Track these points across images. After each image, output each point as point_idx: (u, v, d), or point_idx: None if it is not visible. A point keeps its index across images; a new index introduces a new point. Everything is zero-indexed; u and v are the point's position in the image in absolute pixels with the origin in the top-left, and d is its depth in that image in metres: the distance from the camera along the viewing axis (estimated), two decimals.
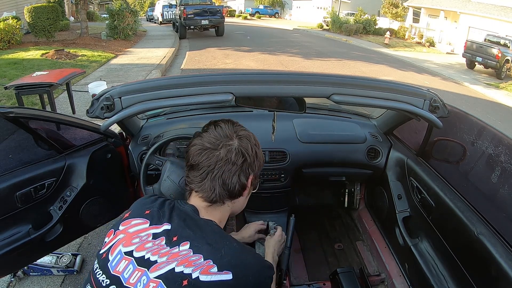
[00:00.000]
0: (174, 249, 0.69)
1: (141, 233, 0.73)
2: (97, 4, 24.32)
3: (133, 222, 0.75)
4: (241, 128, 0.82)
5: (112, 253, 0.71)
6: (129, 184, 1.72)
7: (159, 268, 0.67)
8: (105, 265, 0.71)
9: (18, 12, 10.60)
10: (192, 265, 0.67)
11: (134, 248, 0.70)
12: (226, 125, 0.81)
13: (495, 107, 7.09)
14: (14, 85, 3.36)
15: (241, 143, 0.78)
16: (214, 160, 0.75)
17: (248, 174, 0.80)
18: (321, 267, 1.81)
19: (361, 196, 2.09)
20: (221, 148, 0.76)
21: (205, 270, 0.66)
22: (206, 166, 0.76)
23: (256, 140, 0.84)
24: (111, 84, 4.11)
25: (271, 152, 1.64)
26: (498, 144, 1.22)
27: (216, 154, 0.76)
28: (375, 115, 1.94)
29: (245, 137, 0.80)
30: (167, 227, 0.73)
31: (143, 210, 0.78)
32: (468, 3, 15.05)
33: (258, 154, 0.82)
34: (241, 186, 0.79)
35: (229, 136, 0.78)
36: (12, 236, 1.24)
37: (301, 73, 1.06)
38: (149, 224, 0.74)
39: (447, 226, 1.27)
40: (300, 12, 29.74)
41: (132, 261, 0.69)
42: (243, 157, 0.77)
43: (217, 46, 10.47)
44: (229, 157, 0.76)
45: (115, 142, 1.57)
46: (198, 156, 0.77)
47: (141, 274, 0.67)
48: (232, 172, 0.77)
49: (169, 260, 0.68)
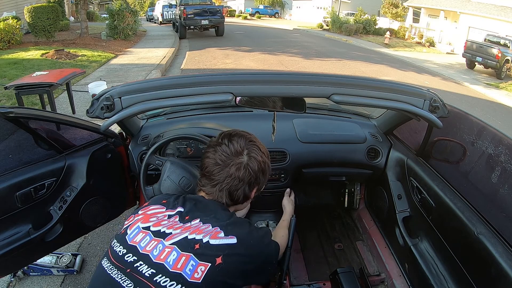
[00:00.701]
0: (187, 224, 0.80)
1: (158, 214, 0.84)
2: (97, 4, 24.32)
3: (151, 207, 0.86)
4: (252, 145, 0.90)
5: (130, 229, 0.81)
6: (129, 184, 1.72)
7: (173, 238, 0.77)
8: (123, 238, 0.80)
9: (18, 12, 10.60)
10: (202, 232, 0.78)
11: (151, 224, 0.80)
12: (238, 139, 0.89)
13: (495, 107, 7.09)
14: (14, 85, 3.36)
15: (250, 163, 0.87)
16: (224, 175, 0.86)
17: (252, 187, 0.91)
18: (321, 267, 1.81)
19: (361, 196, 2.09)
20: (232, 166, 0.86)
21: (214, 235, 0.78)
22: (216, 178, 0.87)
23: (264, 156, 0.92)
24: (111, 84, 4.12)
25: (271, 152, 1.63)
26: (498, 144, 1.22)
27: (226, 170, 0.86)
28: (375, 115, 1.94)
29: (254, 158, 0.89)
30: (180, 209, 0.84)
31: (161, 200, 0.89)
32: (468, 3, 15.05)
33: (264, 170, 0.92)
34: (245, 196, 0.90)
35: (238, 153, 0.87)
36: (12, 236, 1.24)
37: (301, 73, 1.06)
38: (165, 209, 0.85)
39: (447, 226, 1.27)
40: (300, 12, 29.73)
41: (149, 233, 0.79)
42: (249, 174, 0.87)
43: (217, 46, 10.47)
44: (237, 175, 0.86)
45: (115, 142, 1.57)
46: (211, 167, 0.87)
47: (157, 243, 0.76)
48: (238, 187, 0.88)
49: (182, 231, 0.78)
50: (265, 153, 0.93)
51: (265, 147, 0.95)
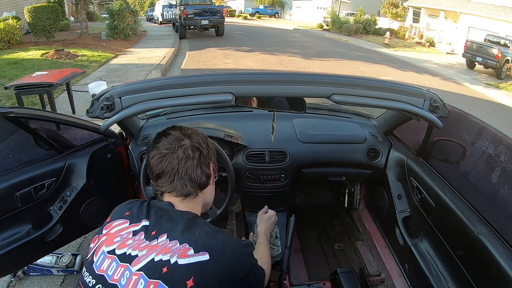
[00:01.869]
0: (153, 242, 0.73)
1: (121, 232, 0.76)
2: (97, 4, 24.32)
3: (114, 224, 0.79)
4: (187, 129, 0.89)
5: (96, 255, 0.74)
6: (129, 184, 1.72)
7: (140, 261, 0.70)
8: (91, 266, 0.73)
9: (18, 12, 10.59)
10: (169, 251, 0.70)
11: (116, 247, 0.73)
12: (173, 131, 0.87)
13: (495, 107, 7.09)
14: (14, 85, 3.36)
15: (192, 140, 0.85)
16: (176, 162, 0.82)
17: (207, 163, 0.87)
18: (321, 267, 1.81)
19: (361, 196, 2.09)
20: (177, 149, 0.82)
21: (182, 254, 0.70)
22: (170, 169, 0.82)
23: (203, 134, 0.91)
24: (111, 84, 4.12)
25: (271, 152, 1.64)
26: (498, 144, 1.22)
27: (175, 156, 0.82)
28: (375, 115, 1.94)
29: (194, 134, 0.87)
30: (145, 223, 0.77)
31: (123, 212, 0.82)
32: (468, 3, 15.04)
33: (209, 144, 0.90)
34: (206, 175, 0.86)
35: (179, 138, 0.85)
36: (12, 236, 1.24)
37: (301, 73, 1.06)
38: (129, 223, 0.78)
39: (447, 226, 1.27)
40: (300, 12, 29.73)
41: (115, 258, 0.72)
42: (199, 151, 0.85)
43: (217, 46, 10.46)
44: (187, 154, 0.83)
45: (115, 142, 1.57)
46: (160, 164, 0.82)
47: (124, 270, 0.70)
48: (194, 166, 0.83)
49: (148, 252, 0.71)
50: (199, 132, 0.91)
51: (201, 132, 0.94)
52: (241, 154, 1.63)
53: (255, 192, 1.71)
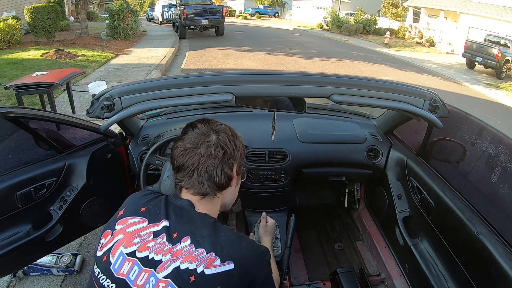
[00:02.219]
0: (176, 246, 0.71)
1: (140, 232, 0.73)
2: (97, 4, 24.31)
3: (130, 221, 0.76)
4: (217, 124, 0.85)
5: (113, 255, 0.71)
6: (129, 184, 1.72)
7: (165, 268, 0.68)
8: (108, 268, 0.71)
9: (18, 12, 10.59)
10: (196, 260, 0.69)
11: (136, 249, 0.71)
12: (202, 124, 0.84)
13: (495, 107, 7.09)
14: (14, 85, 3.36)
15: (219, 137, 0.81)
16: (197, 158, 0.78)
17: (231, 164, 0.82)
18: (321, 267, 1.81)
19: (361, 196, 2.09)
20: (201, 145, 0.79)
21: (209, 264, 0.69)
22: (190, 164, 0.78)
23: (233, 131, 0.87)
24: (111, 84, 4.12)
25: (271, 152, 1.64)
26: (498, 144, 1.22)
27: (197, 152, 0.79)
28: (375, 115, 1.94)
29: (222, 131, 0.83)
30: (165, 223, 0.74)
31: (138, 207, 0.79)
32: (468, 3, 15.04)
33: (237, 144, 0.85)
34: (227, 176, 0.82)
35: (206, 133, 0.81)
36: (12, 236, 1.24)
37: (301, 73, 1.06)
38: (148, 223, 0.75)
39: (447, 226, 1.27)
40: (300, 12, 29.72)
41: (136, 262, 0.69)
42: (223, 150, 0.80)
43: (217, 46, 10.46)
44: (209, 152, 0.79)
45: (115, 142, 1.57)
46: (182, 157, 0.79)
47: (148, 275, 0.68)
48: (215, 165, 0.79)
49: (173, 258, 0.69)
50: (233, 131, 0.87)
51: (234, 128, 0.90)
52: None
53: (255, 192, 1.71)
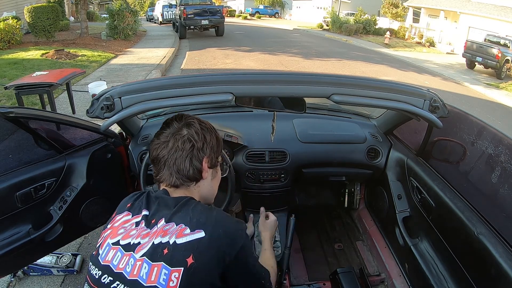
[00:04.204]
0: (153, 229, 0.76)
1: (125, 224, 0.79)
2: (97, 4, 24.32)
3: (117, 218, 0.82)
4: (189, 118, 0.89)
5: (101, 248, 0.77)
6: (129, 184, 1.72)
7: (142, 248, 0.73)
8: (97, 259, 0.76)
9: (18, 12, 10.60)
10: (167, 233, 0.73)
11: (120, 238, 0.76)
12: (175, 120, 0.88)
13: (495, 107, 7.09)
14: (14, 85, 3.36)
15: (188, 131, 0.85)
16: (166, 151, 0.83)
17: (200, 157, 0.85)
18: (321, 267, 1.81)
19: (361, 196, 2.09)
20: (170, 139, 0.84)
21: (179, 234, 0.73)
22: (161, 157, 0.84)
23: (204, 125, 0.90)
24: (111, 84, 4.12)
25: (271, 152, 1.64)
26: (498, 144, 1.22)
27: (167, 145, 0.84)
28: (375, 115, 1.94)
29: (192, 125, 0.87)
30: (145, 213, 0.80)
31: (126, 204, 0.85)
32: (468, 3, 15.04)
33: (207, 137, 0.88)
34: (196, 169, 0.85)
35: (177, 128, 0.85)
36: (12, 236, 1.24)
37: (301, 73, 1.06)
38: (131, 216, 0.81)
39: (447, 226, 1.27)
40: (300, 12, 29.72)
41: (119, 249, 0.75)
42: (190, 143, 0.84)
43: (217, 46, 10.46)
44: (177, 145, 0.83)
45: (115, 142, 1.57)
46: (155, 151, 0.85)
47: (128, 258, 0.73)
48: (183, 158, 0.83)
49: (150, 239, 0.74)
50: (203, 123, 0.90)
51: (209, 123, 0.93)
52: (241, 154, 1.63)
53: (255, 192, 1.71)
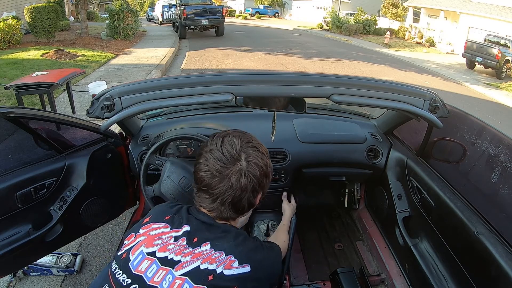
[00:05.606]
0: (196, 249, 0.73)
1: (162, 235, 0.76)
2: (97, 4, 24.27)
3: (154, 226, 0.78)
4: (249, 146, 0.79)
5: (133, 254, 0.73)
6: (129, 184, 1.72)
7: (184, 267, 0.70)
8: (126, 265, 0.72)
9: (18, 12, 10.60)
10: (215, 262, 0.72)
11: (157, 249, 0.73)
12: (232, 145, 0.78)
13: (495, 107, 7.09)
14: (14, 85, 3.36)
15: (249, 167, 0.77)
16: (224, 188, 0.76)
17: (257, 194, 0.81)
18: (321, 267, 1.81)
19: (361, 196, 2.09)
20: (231, 175, 0.75)
21: (228, 265, 0.72)
22: (216, 192, 0.77)
23: (264, 157, 0.81)
24: (111, 84, 4.12)
25: (271, 152, 1.64)
26: (498, 144, 1.22)
27: (225, 181, 0.76)
28: (375, 115, 1.94)
29: (253, 157, 0.78)
30: (186, 228, 0.76)
31: (163, 215, 0.81)
32: (468, 3, 15.05)
33: (267, 174, 0.81)
34: (249, 205, 0.81)
35: (236, 159, 0.76)
36: (12, 236, 1.24)
37: (301, 73, 1.06)
38: (170, 228, 0.77)
39: (447, 226, 1.27)
40: (300, 12, 29.72)
41: (155, 261, 0.71)
42: (252, 181, 0.77)
43: (217, 46, 10.46)
44: (238, 185, 0.76)
45: (115, 142, 1.57)
46: (208, 181, 0.77)
47: (165, 273, 0.70)
48: (242, 197, 0.78)
49: (192, 259, 0.71)
50: (265, 153, 0.82)
51: (264, 146, 0.84)
52: None
53: None
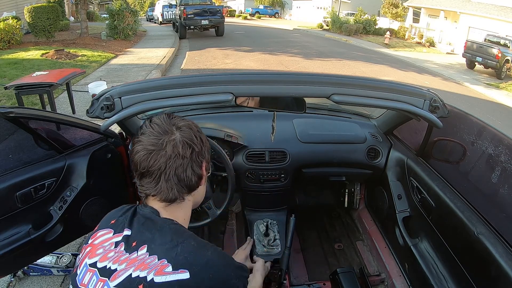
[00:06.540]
0: (133, 255, 0.67)
1: (104, 243, 0.71)
2: (97, 4, 24.28)
3: (99, 234, 0.74)
4: (178, 119, 0.76)
5: (80, 267, 0.70)
6: (129, 184, 1.72)
7: (118, 276, 0.65)
8: (74, 280, 0.70)
9: (18, 12, 10.60)
10: (147, 267, 0.64)
11: (98, 259, 0.69)
12: (161, 120, 0.74)
13: (495, 107, 7.09)
14: (14, 85, 3.36)
15: (183, 134, 0.72)
16: (164, 160, 0.69)
17: (199, 162, 0.75)
18: (321, 267, 1.81)
19: (361, 196, 2.09)
20: (166, 146, 0.70)
21: (159, 271, 0.64)
22: (157, 169, 0.70)
23: (196, 126, 0.78)
24: (111, 84, 4.12)
25: (271, 152, 1.64)
26: (498, 144, 1.22)
27: (162, 153, 0.69)
28: (375, 115, 1.94)
29: (186, 127, 0.74)
30: (127, 233, 0.71)
31: (110, 220, 0.76)
32: (468, 3, 15.05)
33: (203, 139, 0.77)
34: (197, 176, 0.74)
35: (168, 131, 0.72)
36: (12, 236, 1.23)
37: (301, 73, 1.07)
38: (113, 233, 0.72)
39: (447, 226, 1.27)
40: (300, 12, 29.73)
41: (95, 272, 0.68)
42: (190, 148, 0.72)
43: (217, 46, 10.46)
44: (176, 152, 0.70)
45: (115, 142, 1.57)
46: (145, 161, 0.70)
47: (103, 284, 0.65)
48: (184, 166, 0.71)
49: (127, 266, 0.66)
50: (194, 124, 0.78)
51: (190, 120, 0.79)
52: (241, 154, 1.63)
53: (255, 192, 1.71)
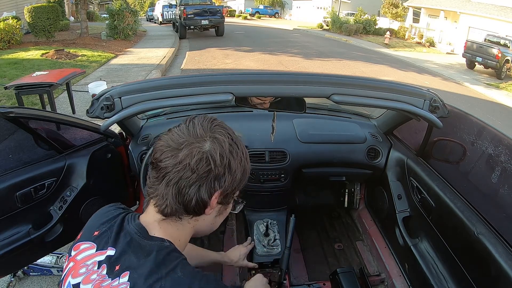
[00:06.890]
0: (115, 282, 0.59)
1: (87, 260, 0.63)
2: (97, 4, 24.28)
3: (82, 247, 0.66)
4: (220, 129, 0.64)
5: (64, 284, 0.65)
6: (129, 184, 1.72)
7: None
8: None
9: (18, 12, 10.60)
10: None
11: (81, 280, 0.62)
12: (201, 121, 0.63)
13: (495, 107, 7.09)
14: (14, 85, 3.36)
15: (212, 147, 0.60)
16: (172, 163, 0.59)
17: (212, 188, 0.61)
18: (321, 267, 1.81)
19: (361, 196, 2.09)
20: (184, 148, 0.59)
21: None
22: (163, 167, 0.60)
23: (238, 147, 0.64)
24: (111, 84, 4.12)
25: (271, 152, 1.64)
26: (498, 144, 1.22)
27: (175, 154, 0.60)
28: (375, 115, 1.94)
29: (220, 141, 0.61)
30: (110, 252, 0.62)
31: (93, 229, 0.67)
32: (468, 3, 15.05)
33: (232, 166, 0.62)
34: (200, 201, 0.62)
35: (200, 136, 0.61)
36: (12, 236, 1.23)
37: (301, 73, 1.07)
38: (96, 249, 0.64)
39: (447, 226, 1.27)
40: (300, 12, 29.74)
41: None
42: (208, 165, 0.59)
43: (217, 46, 10.47)
44: (188, 162, 0.59)
45: (115, 142, 1.57)
46: (160, 154, 0.61)
47: None
48: (190, 181, 0.60)
49: None
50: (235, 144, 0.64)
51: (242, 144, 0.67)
52: None
53: (255, 192, 1.71)
